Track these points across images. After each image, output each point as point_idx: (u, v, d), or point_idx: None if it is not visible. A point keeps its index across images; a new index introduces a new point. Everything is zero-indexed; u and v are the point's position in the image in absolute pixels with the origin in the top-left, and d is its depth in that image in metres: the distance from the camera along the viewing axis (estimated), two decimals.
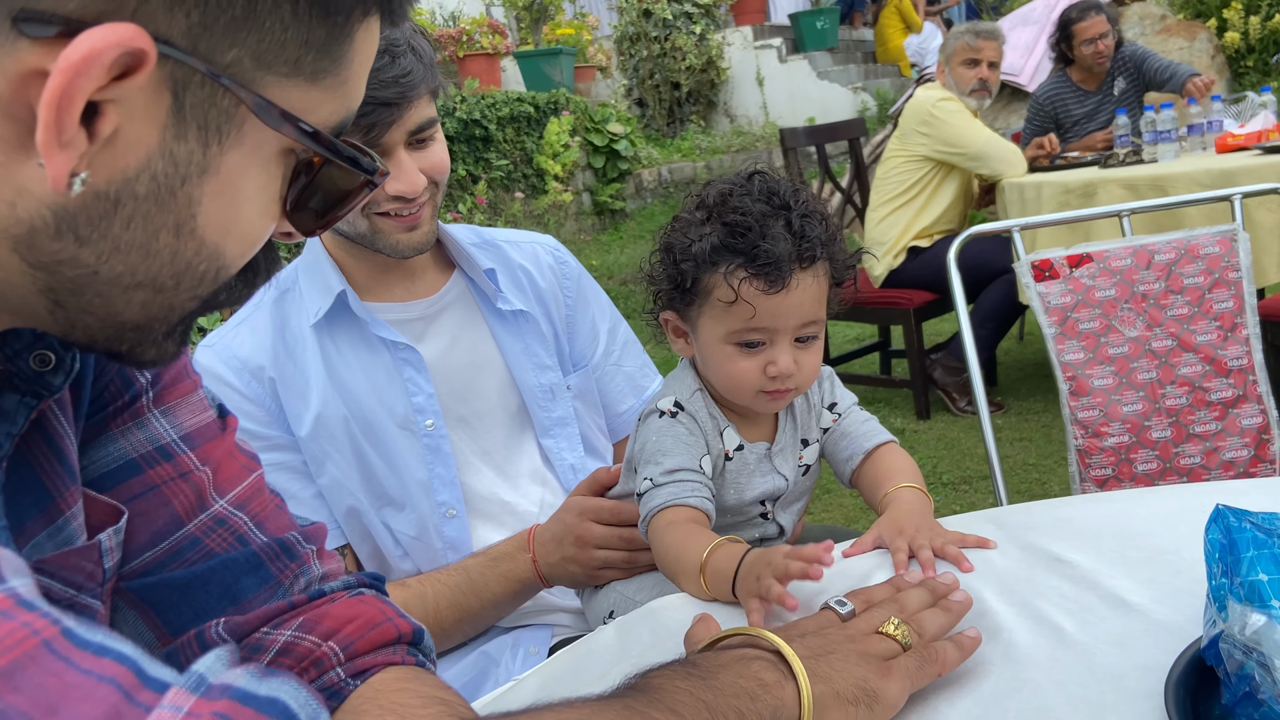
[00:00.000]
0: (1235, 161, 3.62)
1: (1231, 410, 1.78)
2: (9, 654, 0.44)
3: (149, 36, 0.51)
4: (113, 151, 0.54)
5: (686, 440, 1.25)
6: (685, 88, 11.25)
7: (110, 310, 0.60)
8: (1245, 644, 0.75)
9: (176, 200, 0.57)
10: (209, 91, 0.55)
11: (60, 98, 0.50)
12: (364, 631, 0.80)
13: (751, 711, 0.72)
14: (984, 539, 1.12)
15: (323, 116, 0.60)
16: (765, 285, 1.16)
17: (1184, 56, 7.93)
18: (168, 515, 0.77)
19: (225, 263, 0.62)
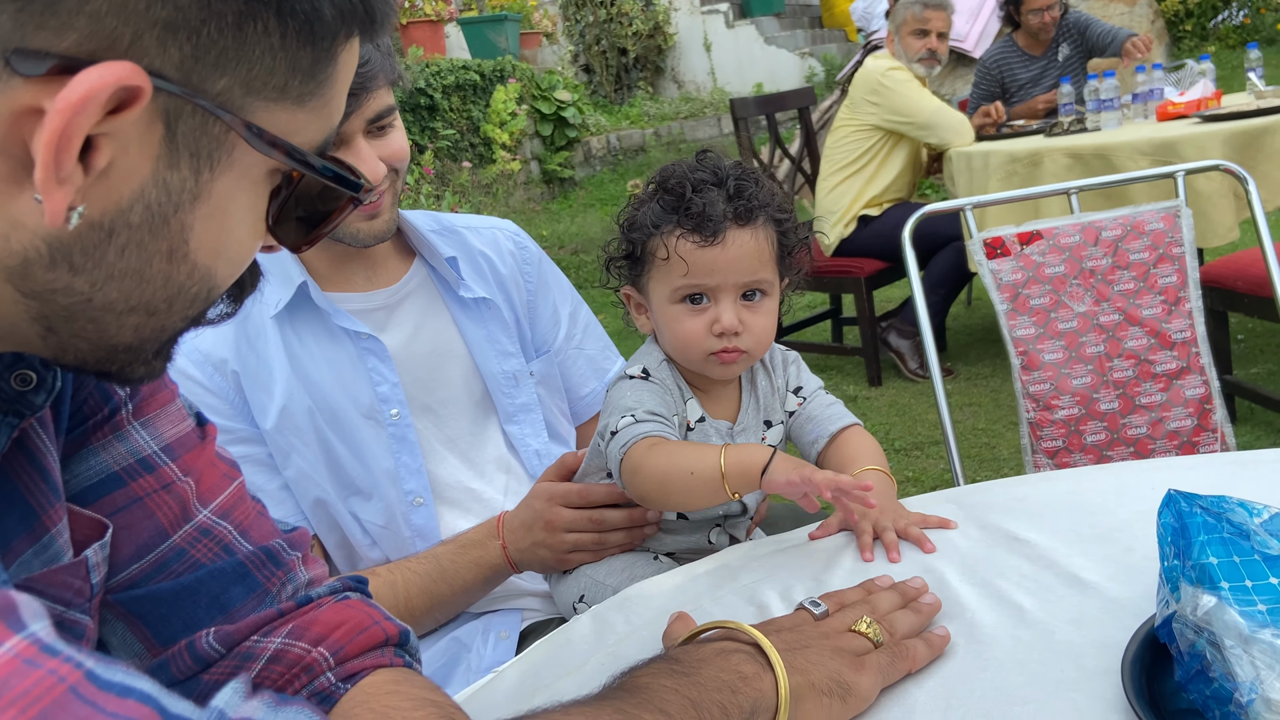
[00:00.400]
0: (1176, 130, 3.69)
1: (1176, 381, 1.84)
2: (38, 704, 0.45)
3: (144, 73, 0.51)
4: (107, 183, 0.54)
5: (662, 396, 1.28)
6: (632, 54, 11.19)
7: (103, 335, 0.60)
8: (1196, 624, 0.79)
9: (169, 227, 0.57)
10: (200, 120, 0.55)
11: (59, 137, 0.50)
12: (352, 636, 0.81)
13: (733, 704, 0.75)
14: (945, 520, 1.15)
15: (308, 137, 0.61)
16: (699, 239, 1.22)
17: (1124, 21, 8.02)
18: (152, 527, 0.78)
19: (216, 283, 0.63)
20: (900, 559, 1.10)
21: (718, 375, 1.31)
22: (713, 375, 1.30)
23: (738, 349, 1.25)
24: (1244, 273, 3.03)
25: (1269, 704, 0.73)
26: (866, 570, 1.10)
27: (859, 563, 1.11)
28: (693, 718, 0.71)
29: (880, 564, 1.11)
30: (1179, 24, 9.24)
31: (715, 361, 1.27)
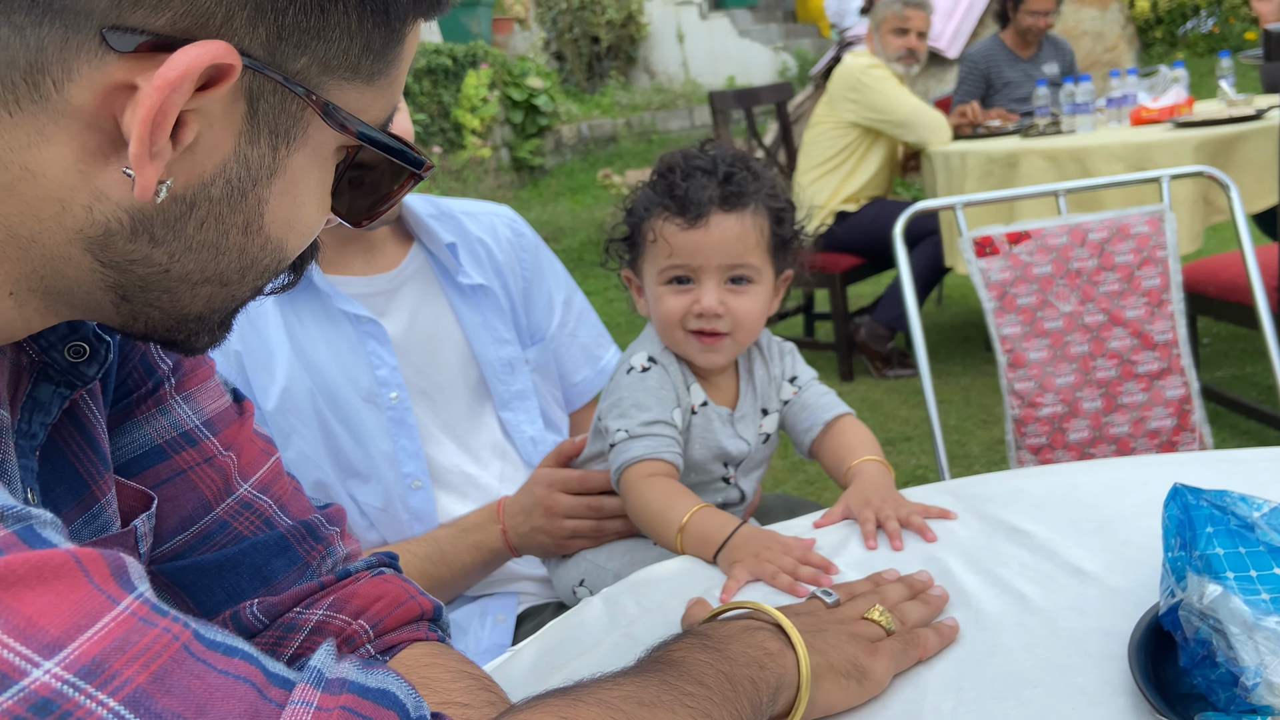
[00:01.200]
0: (1150, 135, 3.75)
1: (1157, 382, 1.88)
2: (158, 660, 0.47)
3: (236, 51, 0.53)
4: (191, 158, 0.56)
5: (659, 394, 1.30)
6: (605, 42, 11.18)
7: (176, 304, 0.62)
8: (1202, 611, 0.82)
9: (247, 201, 0.59)
10: (280, 98, 0.57)
11: (156, 113, 0.51)
12: (391, 609, 0.83)
13: (761, 679, 0.77)
14: (945, 510, 1.18)
15: (374, 114, 0.63)
16: (682, 222, 1.26)
17: (1096, 26, 8.14)
18: (195, 500, 0.79)
19: (285, 254, 0.64)
20: (903, 547, 1.13)
21: (700, 360, 1.33)
22: (695, 359, 1.33)
23: (718, 331, 1.28)
24: (1214, 277, 3.10)
25: (1272, 687, 0.77)
26: (870, 558, 1.12)
27: (863, 551, 1.14)
28: (727, 690, 0.73)
29: (884, 552, 1.13)
30: (1149, 30, 9.38)
31: (695, 342, 1.29)
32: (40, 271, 0.57)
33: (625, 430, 1.27)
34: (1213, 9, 9.38)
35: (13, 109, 0.52)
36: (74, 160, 0.53)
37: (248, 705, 0.49)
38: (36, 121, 0.52)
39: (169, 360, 0.80)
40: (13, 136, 0.52)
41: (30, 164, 0.53)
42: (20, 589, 0.44)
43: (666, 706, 0.67)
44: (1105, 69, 7.24)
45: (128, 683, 0.45)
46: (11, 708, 0.42)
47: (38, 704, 0.43)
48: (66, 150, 0.53)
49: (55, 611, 0.45)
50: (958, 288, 5.65)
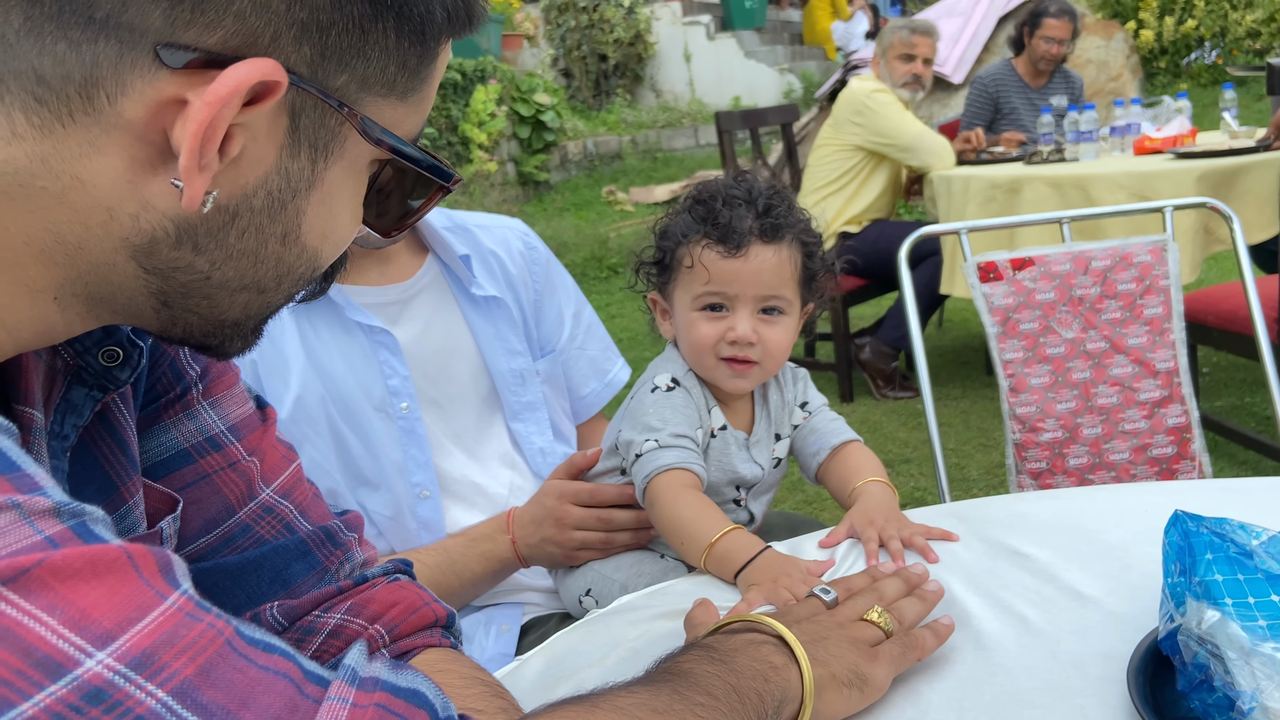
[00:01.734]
0: (1153, 164, 3.78)
1: (1158, 410, 1.90)
2: (204, 654, 0.49)
3: (283, 69, 0.55)
4: (236, 170, 0.58)
5: (685, 411, 1.32)
6: (612, 60, 11.24)
7: (215, 310, 0.64)
8: (1200, 636, 0.83)
9: (286, 212, 0.61)
10: (320, 113, 0.59)
11: (206, 128, 0.54)
12: (406, 615, 0.85)
13: (766, 692, 0.79)
14: (947, 532, 1.20)
15: (407, 129, 0.65)
16: (723, 250, 1.27)
17: (1100, 55, 8.19)
18: (219, 503, 0.81)
19: (319, 264, 0.67)
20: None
21: (727, 385, 1.35)
22: (723, 385, 1.34)
23: (749, 359, 1.30)
24: (1215, 307, 3.12)
25: (1268, 712, 0.78)
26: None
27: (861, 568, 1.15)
28: (735, 702, 0.74)
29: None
30: (1153, 60, 9.43)
31: (725, 369, 1.31)
32: (85, 277, 0.59)
33: (655, 440, 1.28)
34: (1216, 41, 9.44)
35: (66, 121, 0.54)
36: (123, 171, 0.55)
37: (287, 700, 0.50)
38: (89, 133, 0.54)
39: (197, 366, 0.82)
40: (65, 147, 0.54)
41: (81, 174, 0.55)
42: (75, 582, 0.46)
43: (678, 715, 0.69)
44: (1109, 98, 7.29)
45: (175, 675, 0.47)
46: (65, 695, 0.44)
47: (90, 693, 0.45)
48: (116, 161, 0.55)
49: (108, 604, 0.47)
50: (958, 311, 5.68)
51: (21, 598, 0.44)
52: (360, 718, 0.53)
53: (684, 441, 1.28)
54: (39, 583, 0.45)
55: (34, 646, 0.44)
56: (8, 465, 0.48)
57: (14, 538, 0.45)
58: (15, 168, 0.54)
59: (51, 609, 0.45)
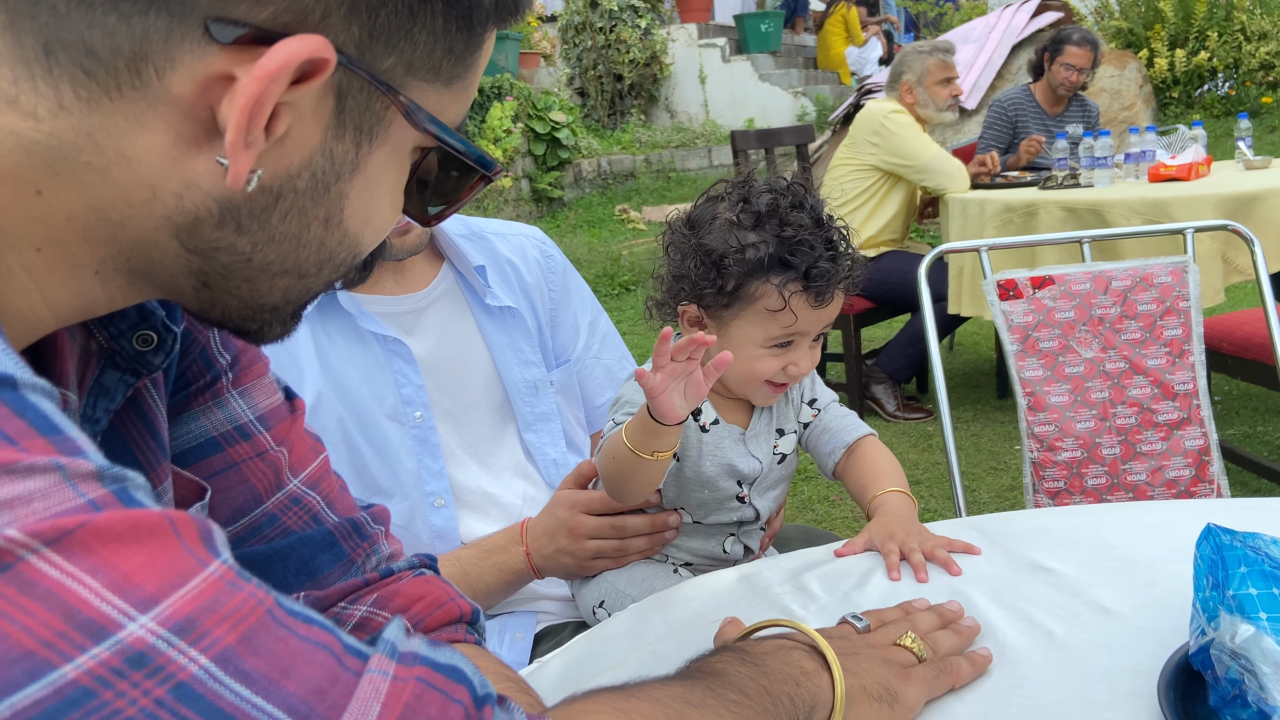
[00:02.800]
0: (1168, 190, 3.78)
1: (1176, 432, 1.89)
2: (245, 622, 0.48)
3: (332, 47, 0.54)
4: (281, 150, 0.57)
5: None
6: (628, 80, 11.28)
7: (254, 293, 0.63)
8: (1234, 651, 0.82)
9: (329, 195, 0.61)
10: (366, 96, 0.59)
11: (254, 103, 0.53)
12: (432, 609, 0.84)
13: (797, 696, 0.78)
14: (969, 545, 1.19)
15: (450, 116, 0.64)
16: (814, 300, 1.26)
17: (1113, 84, 8.20)
18: (247, 492, 0.81)
19: (360, 249, 0.66)
20: (928, 579, 1.13)
21: (760, 402, 1.37)
22: (755, 401, 1.37)
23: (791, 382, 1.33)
24: (1231, 334, 3.11)
25: None
26: (895, 589, 1.12)
27: (887, 583, 1.14)
28: (767, 703, 0.74)
29: (908, 583, 1.14)
30: (1166, 90, 9.44)
31: (768, 390, 1.33)
32: (127, 254, 0.59)
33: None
34: (1230, 73, 9.45)
35: (114, 95, 0.53)
36: (168, 147, 0.55)
37: (328, 671, 0.50)
38: (135, 108, 0.54)
39: (227, 355, 0.82)
40: (111, 122, 0.54)
41: (126, 149, 0.54)
42: (118, 545, 0.45)
43: (713, 710, 0.68)
44: (1122, 127, 7.30)
45: (218, 641, 0.46)
46: (108, 659, 0.43)
47: (133, 657, 0.44)
48: (162, 137, 0.55)
49: (150, 568, 0.46)
50: (969, 335, 5.67)
51: (64, 559, 0.44)
52: (401, 691, 0.52)
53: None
54: (81, 545, 0.44)
55: (76, 609, 0.43)
56: (50, 427, 0.47)
57: (56, 499, 0.45)
58: (60, 141, 0.54)
59: (94, 571, 0.44)
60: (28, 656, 0.42)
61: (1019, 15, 8.47)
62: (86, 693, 0.43)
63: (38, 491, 0.44)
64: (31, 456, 0.45)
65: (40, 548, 0.43)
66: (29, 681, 0.42)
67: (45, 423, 0.47)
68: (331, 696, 0.49)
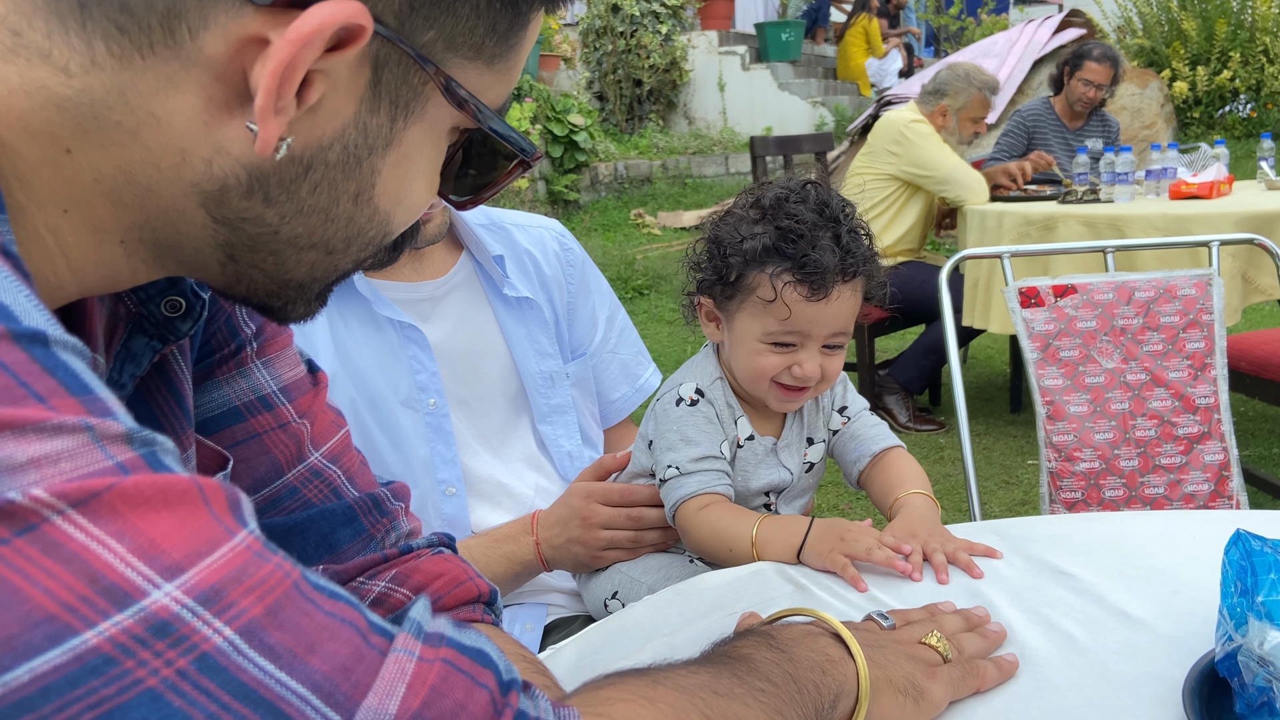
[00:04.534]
0: (1188, 208, 3.76)
1: (1196, 446, 1.87)
2: (272, 594, 0.47)
3: (369, 15, 0.53)
4: (313, 119, 0.56)
5: (707, 428, 1.30)
6: (647, 86, 11.29)
7: (280, 268, 0.62)
8: (1262, 658, 0.81)
9: (361, 169, 0.59)
10: (403, 69, 0.57)
11: (286, 67, 0.51)
12: (451, 588, 0.84)
13: (823, 684, 0.77)
14: (990, 548, 1.17)
15: (491, 97, 0.62)
16: (808, 292, 1.22)
17: (1134, 103, 8.18)
18: (269, 463, 0.80)
19: (391, 229, 0.64)
20: (949, 581, 1.12)
21: (776, 407, 1.34)
22: (771, 405, 1.34)
23: (806, 388, 1.28)
24: (1250, 353, 3.09)
25: None
26: (915, 590, 1.11)
27: (908, 584, 1.13)
28: (794, 691, 0.73)
29: (928, 585, 1.12)
30: (1187, 110, 9.41)
31: (779, 394, 1.30)
32: (153, 222, 0.57)
33: (676, 467, 1.28)
34: (1251, 94, 9.41)
35: (146, 53, 0.52)
36: (199, 110, 0.54)
37: (353, 648, 0.49)
38: (168, 68, 0.53)
39: (252, 325, 0.81)
40: (143, 81, 0.53)
41: (157, 110, 0.53)
42: (145, 510, 0.44)
43: (740, 699, 0.67)
44: (1142, 145, 7.27)
45: (243, 613, 0.45)
46: (131, 626, 0.42)
47: (157, 625, 0.43)
48: (193, 100, 0.53)
49: (177, 535, 0.45)
50: (983, 349, 5.64)
51: (91, 522, 0.43)
52: (426, 672, 0.51)
53: (705, 464, 1.28)
54: (109, 508, 0.43)
55: (100, 573, 0.42)
56: (80, 386, 0.46)
57: (84, 460, 0.44)
58: (92, 98, 0.53)
59: (120, 535, 0.43)
60: (49, 620, 0.41)
61: (1041, 31, 8.45)
62: (108, 660, 0.42)
63: (65, 451, 0.43)
64: (60, 415, 0.44)
65: (66, 509, 0.42)
66: (50, 646, 0.41)
67: (76, 382, 0.46)
68: (356, 674, 0.48)
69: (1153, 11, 9.94)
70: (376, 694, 0.48)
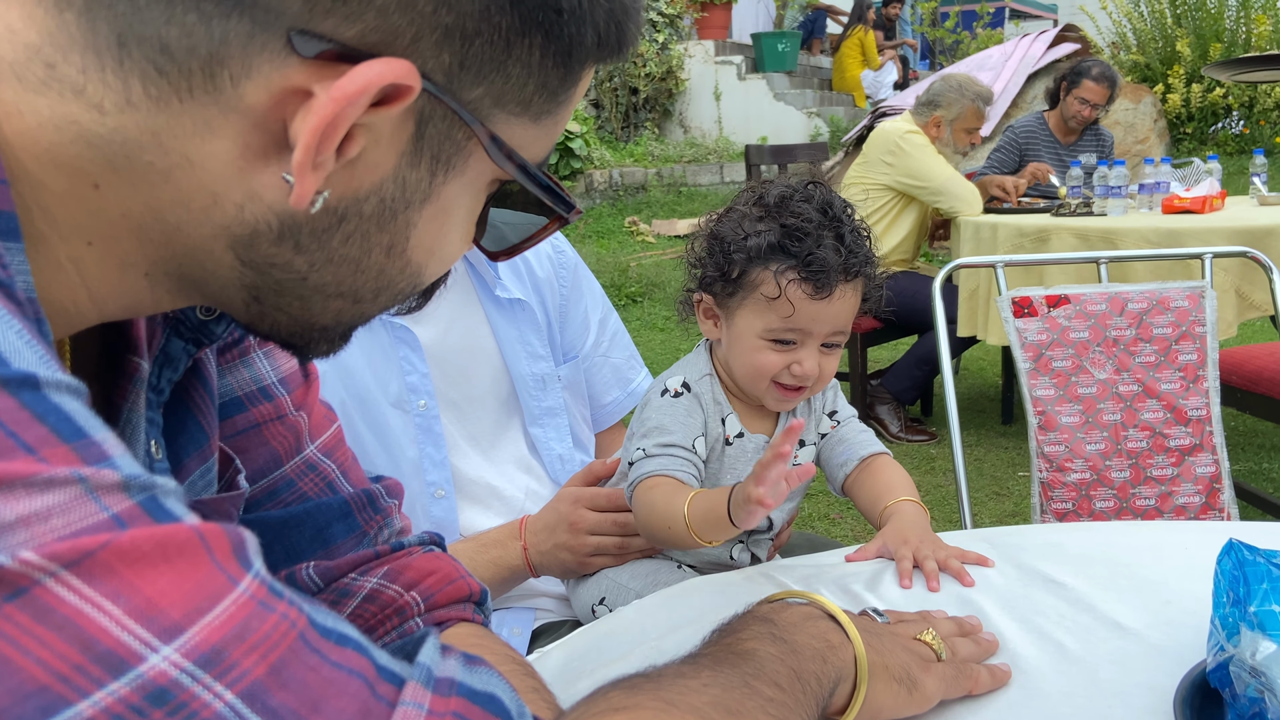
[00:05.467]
0: (1181, 222, 3.76)
1: (1188, 458, 1.87)
2: (276, 651, 0.45)
3: (418, 74, 0.51)
4: (351, 172, 0.54)
5: (684, 420, 1.29)
6: (643, 94, 11.31)
7: (306, 313, 0.61)
8: (1254, 668, 0.80)
9: (396, 222, 0.58)
10: (448, 125, 0.56)
11: (328, 124, 0.50)
12: (442, 586, 0.83)
13: (823, 673, 0.76)
14: (982, 556, 1.17)
15: (534, 152, 0.61)
16: (812, 290, 1.21)
17: (1128, 118, 8.21)
18: (267, 454, 0.80)
19: (422, 280, 0.63)
20: (939, 588, 1.11)
21: (773, 406, 1.33)
22: (768, 405, 1.32)
23: (803, 387, 1.28)
24: (1241, 367, 3.09)
25: None
26: (906, 597, 1.11)
27: (898, 591, 1.12)
28: (799, 692, 0.72)
29: (919, 592, 1.12)
30: (1180, 125, 9.44)
31: (777, 393, 1.29)
32: (180, 259, 0.56)
33: (642, 450, 1.27)
34: (1244, 111, 9.45)
35: (184, 96, 0.51)
36: (235, 157, 0.52)
37: (360, 704, 0.47)
38: (206, 113, 0.51)
39: None
40: (179, 124, 0.51)
41: (191, 153, 0.52)
42: (143, 567, 0.42)
43: (750, 715, 0.66)
44: (1135, 160, 7.29)
45: (245, 674, 0.43)
46: (127, 695, 0.41)
47: (154, 693, 0.41)
48: (230, 145, 0.52)
49: (177, 592, 0.43)
50: (975, 360, 5.65)
51: (85, 583, 0.41)
52: None
53: (671, 450, 1.26)
54: (104, 567, 0.41)
55: (95, 639, 0.40)
56: (73, 431, 0.44)
57: (77, 515, 0.41)
58: (124, 137, 0.51)
59: (116, 596, 0.41)
60: (41, 692, 0.39)
61: (1036, 45, 8.49)
62: None
63: (57, 507, 0.41)
64: (51, 468, 0.42)
65: (59, 570, 0.40)
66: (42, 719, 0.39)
67: (68, 426, 0.44)
68: None
69: (1147, 28, 9.98)
70: None
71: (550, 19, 0.54)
